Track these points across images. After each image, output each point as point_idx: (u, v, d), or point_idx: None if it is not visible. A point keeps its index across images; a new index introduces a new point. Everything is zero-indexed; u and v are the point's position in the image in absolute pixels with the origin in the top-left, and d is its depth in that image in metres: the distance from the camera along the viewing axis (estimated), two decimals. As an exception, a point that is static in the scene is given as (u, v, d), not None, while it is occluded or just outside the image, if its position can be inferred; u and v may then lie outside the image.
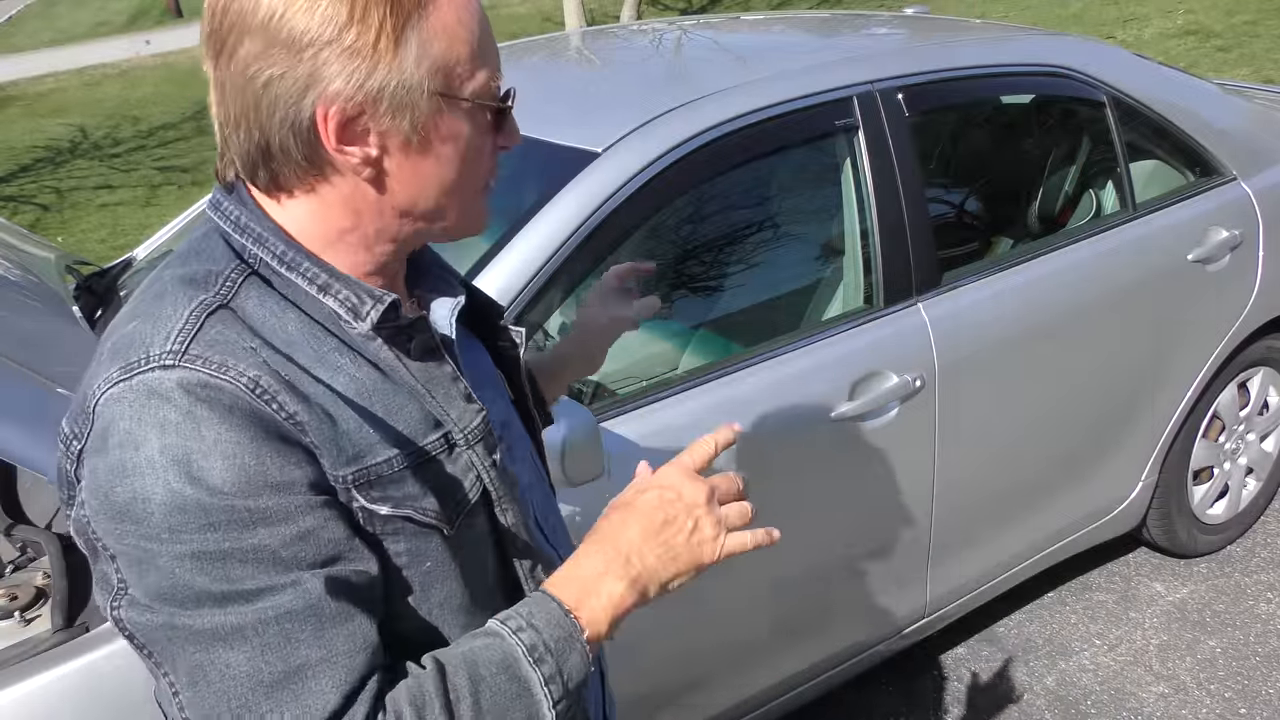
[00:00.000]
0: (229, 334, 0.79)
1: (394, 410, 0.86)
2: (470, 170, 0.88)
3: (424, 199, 0.87)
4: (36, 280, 2.59)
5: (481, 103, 0.85)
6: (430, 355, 0.90)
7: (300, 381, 0.80)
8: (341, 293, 0.85)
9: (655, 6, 13.94)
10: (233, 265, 0.84)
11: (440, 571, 0.88)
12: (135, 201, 8.01)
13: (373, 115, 0.81)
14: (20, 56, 16.96)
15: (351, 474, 0.81)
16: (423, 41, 0.81)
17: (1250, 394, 2.99)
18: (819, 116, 2.18)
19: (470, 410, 0.91)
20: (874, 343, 2.16)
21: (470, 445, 0.90)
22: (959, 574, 2.50)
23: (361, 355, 0.86)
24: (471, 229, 0.93)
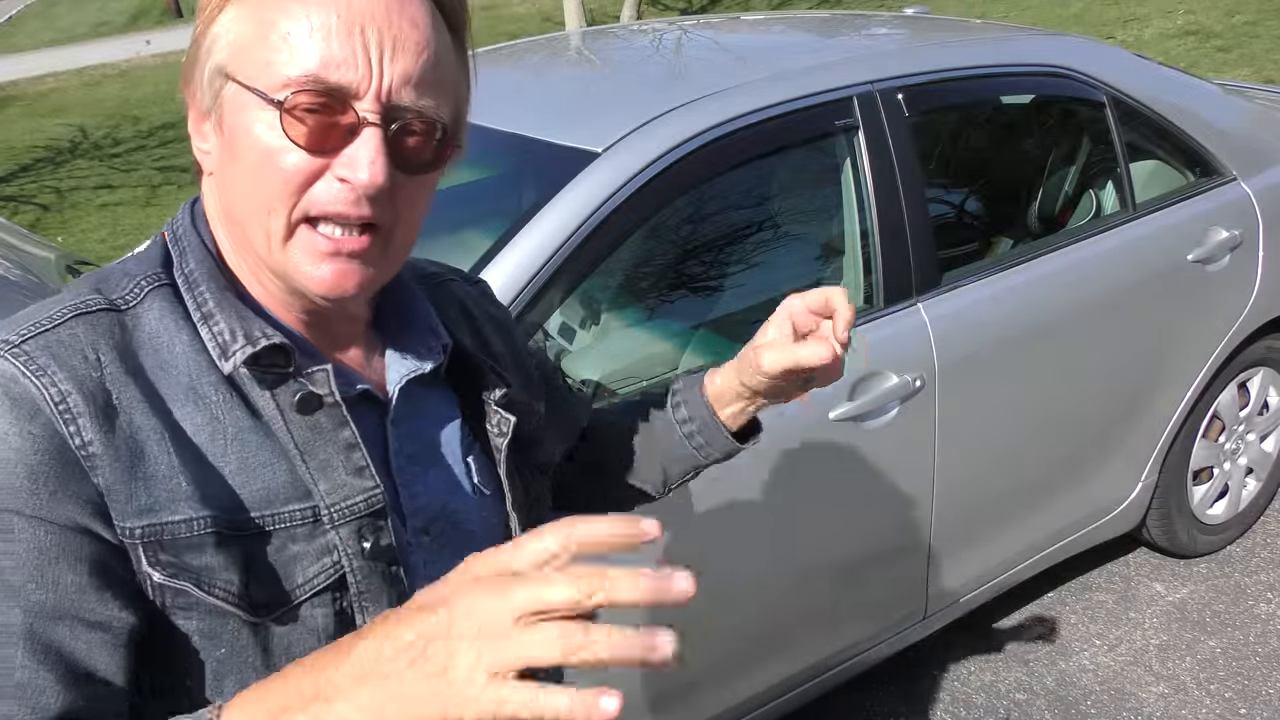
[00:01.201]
0: (81, 339, 0.73)
1: (251, 467, 0.76)
2: (261, 181, 0.74)
3: (235, 206, 0.77)
4: (36, 280, 2.59)
5: (252, 88, 0.73)
6: (319, 413, 0.79)
7: (131, 410, 0.73)
8: (219, 325, 0.77)
9: (655, 6, 13.95)
10: (149, 274, 0.79)
11: (237, 662, 0.76)
12: (135, 201, 8.01)
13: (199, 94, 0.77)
14: (20, 56, 16.96)
15: (140, 528, 0.72)
16: (231, 18, 0.74)
17: (1250, 394, 2.99)
18: (819, 117, 2.18)
19: (353, 485, 0.79)
20: (874, 342, 2.16)
21: (336, 525, 0.78)
22: (959, 574, 2.50)
23: (240, 397, 0.77)
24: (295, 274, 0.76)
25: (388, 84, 0.73)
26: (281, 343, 0.77)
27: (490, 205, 2.26)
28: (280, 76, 0.72)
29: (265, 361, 0.77)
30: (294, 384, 0.78)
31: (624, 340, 2.15)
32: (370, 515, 0.80)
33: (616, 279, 2.20)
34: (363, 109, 0.73)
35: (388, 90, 0.73)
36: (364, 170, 0.72)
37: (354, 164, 0.73)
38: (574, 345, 2.14)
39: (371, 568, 0.80)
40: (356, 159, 0.73)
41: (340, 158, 0.73)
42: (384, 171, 0.73)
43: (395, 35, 0.73)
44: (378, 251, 0.77)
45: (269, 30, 0.72)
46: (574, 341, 2.14)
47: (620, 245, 1.99)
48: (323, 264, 0.75)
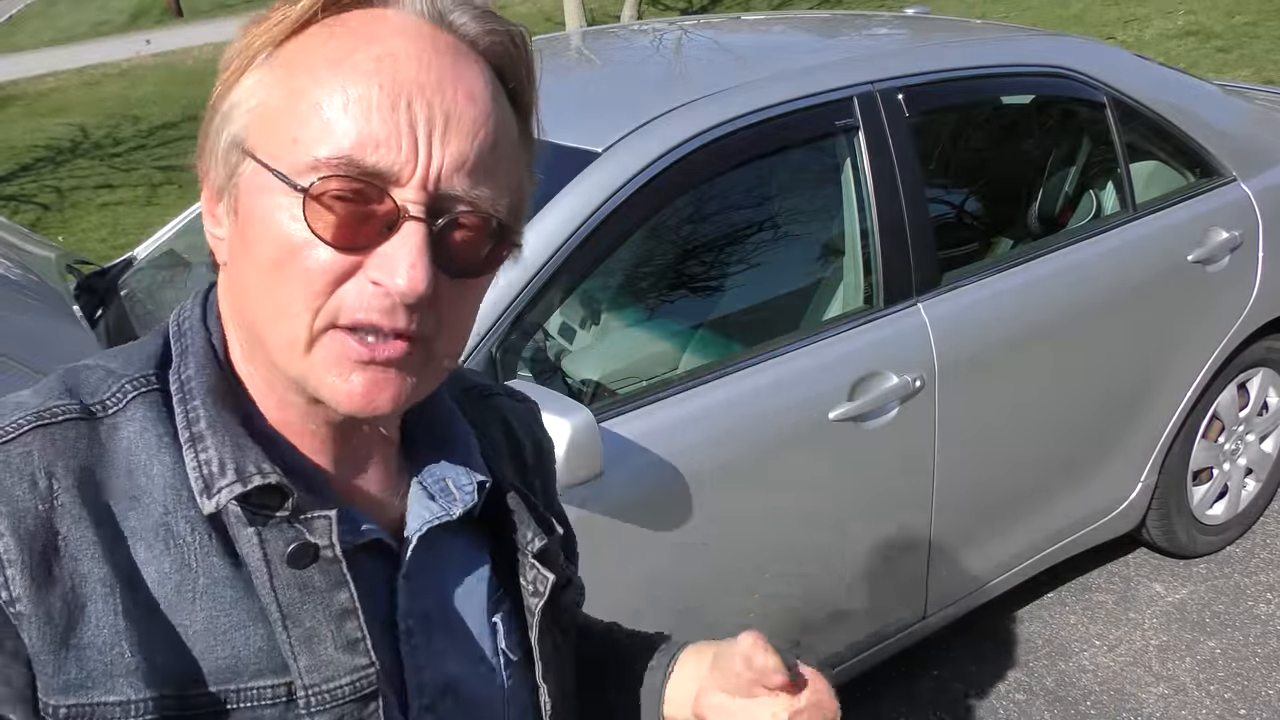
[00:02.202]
0: (34, 460, 0.61)
1: (222, 628, 0.63)
2: (281, 279, 0.62)
3: (248, 302, 0.65)
4: (37, 279, 2.59)
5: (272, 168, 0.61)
6: (313, 569, 0.65)
7: (78, 555, 0.60)
8: (208, 452, 0.64)
9: (655, 6, 13.94)
10: (138, 375, 0.67)
11: None
12: (136, 201, 8.01)
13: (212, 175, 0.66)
14: (21, 56, 16.96)
15: (66, 707, 0.59)
16: (251, 87, 0.64)
17: (1250, 395, 2.99)
18: (819, 117, 2.18)
19: (340, 663, 0.66)
20: (874, 343, 2.16)
21: (313, 711, 0.65)
22: (959, 574, 2.50)
23: (222, 539, 0.64)
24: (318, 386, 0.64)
25: (436, 169, 0.61)
26: (278, 483, 0.64)
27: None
28: (308, 157, 0.60)
29: (256, 501, 0.64)
30: (288, 530, 0.65)
31: (624, 340, 2.15)
32: (357, 700, 0.66)
33: (616, 279, 2.20)
34: (404, 198, 0.61)
35: (436, 177, 0.61)
36: (402, 275, 0.60)
37: (390, 266, 0.61)
38: (574, 345, 2.14)
39: None
40: (394, 260, 0.61)
41: (375, 256, 0.61)
42: (426, 277, 0.61)
43: (448, 111, 0.62)
44: (418, 361, 0.65)
45: (298, 100, 0.61)
46: (574, 341, 2.14)
47: (620, 245, 1.99)
48: (353, 375, 0.63)
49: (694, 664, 0.91)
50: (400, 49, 0.62)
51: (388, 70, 0.61)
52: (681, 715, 0.89)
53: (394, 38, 0.62)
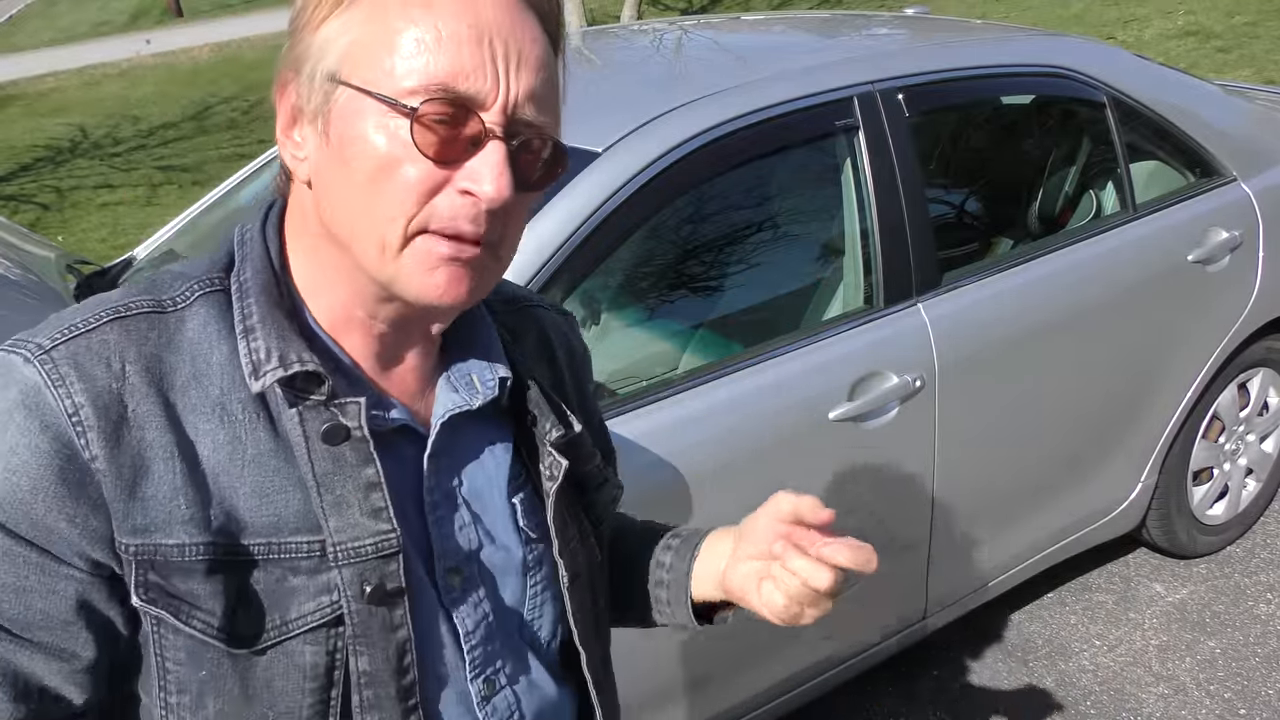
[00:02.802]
0: (110, 346, 0.73)
1: (265, 492, 0.75)
2: (376, 191, 0.72)
3: (337, 215, 0.75)
4: (37, 279, 2.59)
5: (378, 94, 0.71)
6: (345, 445, 0.76)
7: (144, 424, 0.72)
8: (257, 341, 0.75)
9: (655, 6, 13.95)
10: (204, 277, 0.78)
11: (217, 686, 0.75)
12: (136, 201, 8.01)
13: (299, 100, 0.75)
14: (21, 56, 16.96)
15: (135, 545, 0.72)
16: (346, 21, 0.72)
17: (1250, 395, 2.99)
18: (819, 117, 2.18)
19: (364, 526, 0.76)
20: (874, 343, 2.16)
21: (340, 565, 0.76)
22: (959, 574, 2.50)
23: (268, 418, 0.76)
24: (408, 283, 0.74)
25: (514, 97, 0.72)
26: (316, 370, 0.75)
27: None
28: (408, 83, 0.70)
29: (298, 385, 0.76)
30: (324, 412, 0.76)
31: (624, 340, 2.15)
32: (379, 559, 0.77)
33: (616, 279, 2.20)
34: (490, 120, 0.71)
35: (513, 103, 0.72)
36: (490, 183, 0.71)
37: (478, 177, 0.71)
38: (574, 345, 2.13)
39: (370, 612, 0.77)
40: (481, 172, 0.71)
41: (463, 170, 0.72)
42: (509, 184, 0.72)
43: (520, 49, 0.72)
44: (488, 262, 0.76)
45: (394, 36, 0.71)
46: (574, 341, 2.14)
47: (620, 245, 1.99)
48: (438, 270, 0.73)
49: (718, 544, 1.00)
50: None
51: (471, 12, 0.71)
52: (709, 592, 0.99)
53: None
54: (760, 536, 0.89)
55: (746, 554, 0.90)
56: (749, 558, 0.90)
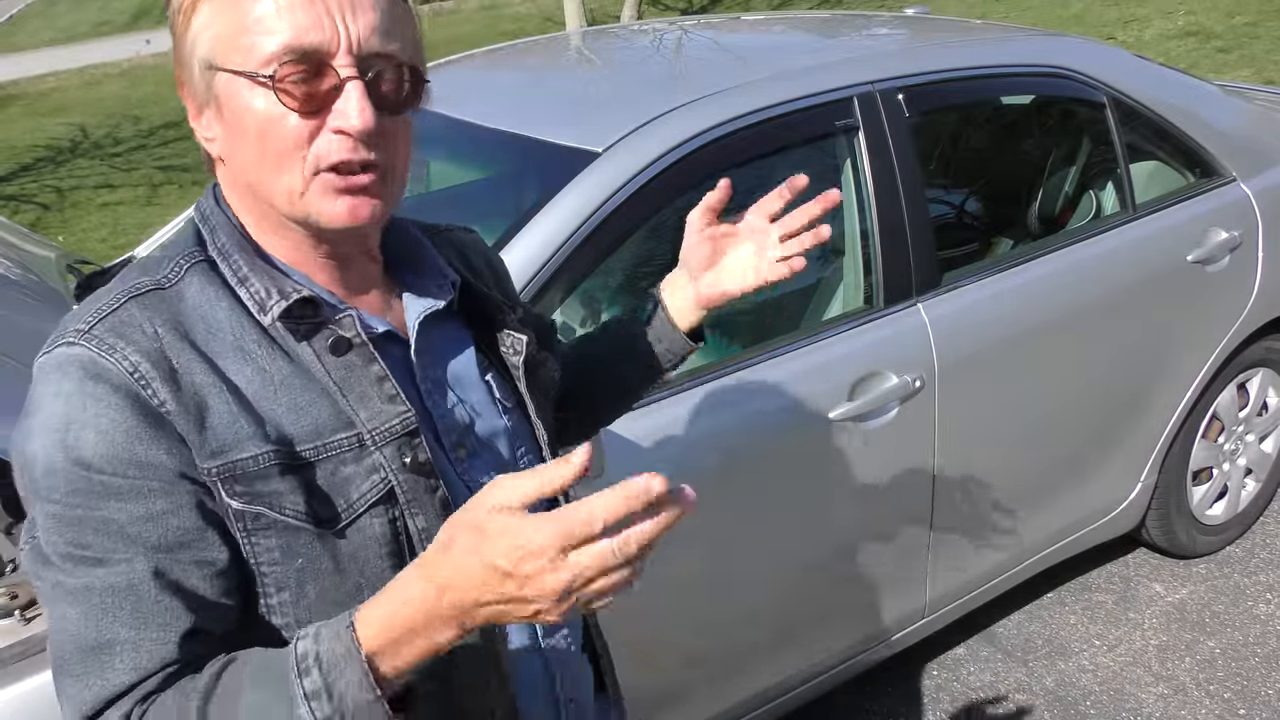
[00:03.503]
0: (138, 317, 0.85)
1: (299, 406, 0.87)
2: (270, 149, 0.85)
3: (249, 177, 0.88)
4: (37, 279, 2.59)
5: (241, 71, 0.83)
6: (351, 354, 0.90)
7: (190, 370, 0.84)
8: (254, 285, 0.88)
9: (656, 6, 13.94)
10: (185, 253, 0.90)
11: (315, 569, 0.88)
12: (136, 201, 8.01)
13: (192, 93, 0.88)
14: (21, 55, 16.96)
15: (216, 467, 0.84)
16: (207, 16, 0.84)
17: (1249, 395, 2.99)
18: (819, 117, 2.18)
19: (388, 411, 0.90)
20: (874, 343, 2.16)
21: (379, 446, 0.89)
22: (959, 574, 2.50)
23: (280, 348, 0.88)
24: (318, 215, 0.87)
25: (355, 36, 0.83)
26: (310, 295, 0.88)
27: (490, 205, 2.26)
28: (262, 55, 0.82)
29: (297, 314, 0.88)
30: (325, 331, 0.89)
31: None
32: (406, 435, 0.90)
33: (616, 279, 2.20)
34: (340, 65, 0.83)
35: (357, 43, 0.83)
36: (355, 119, 0.83)
37: (344, 116, 0.83)
38: (574, 345, 2.13)
39: (414, 480, 0.90)
40: (346, 111, 0.83)
41: (332, 113, 0.84)
42: (372, 115, 0.84)
43: None
44: (381, 184, 0.87)
45: (243, 18, 0.83)
46: (574, 341, 2.14)
47: (620, 245, 1.99)
48: (338, 200, 0.86)
49: (675, 279, 1.23)
50: None
51: None
52: (696, 318, 1.22)
53: None
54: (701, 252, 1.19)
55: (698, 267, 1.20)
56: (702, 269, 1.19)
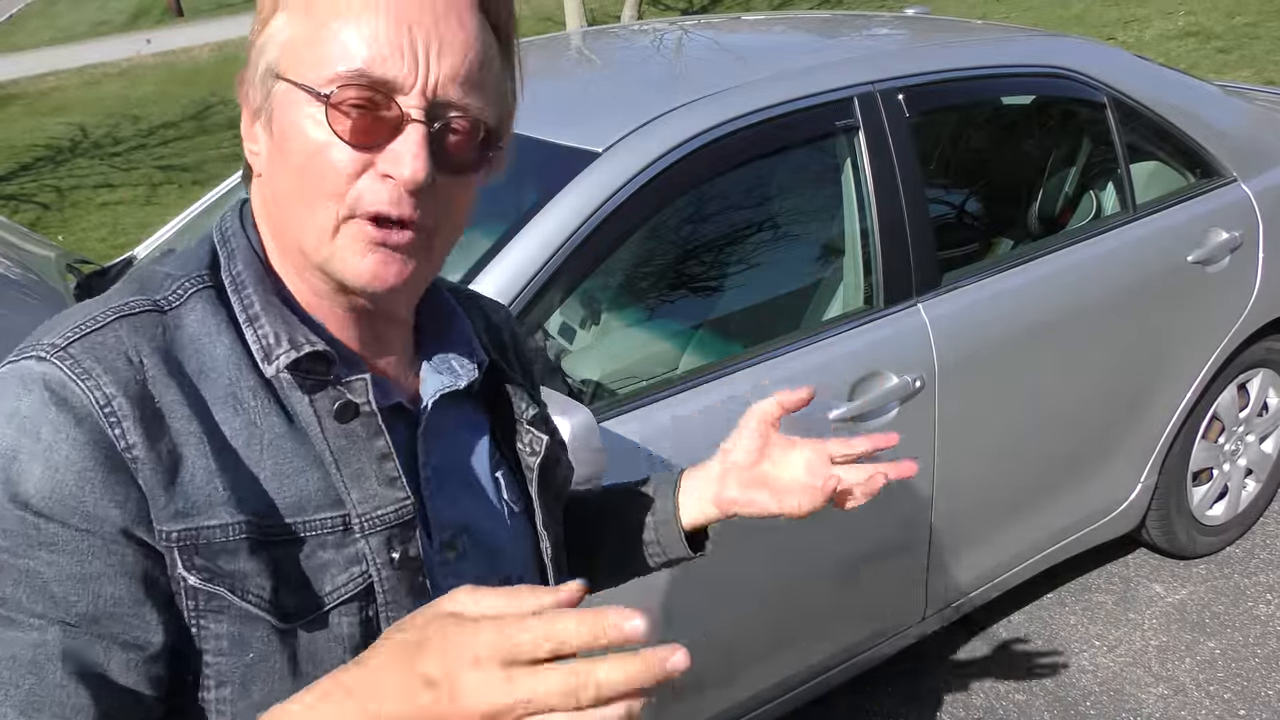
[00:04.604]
0: (125, 341, 0.74)
1: (286, 473, 0.77)
2: (308, 177, 0.74)
3: (284, 207, 0.78)
4: (37, 279, 2.59)
5: (301, 84, 0.74)
6: (355, 422, 0.79)
7: (172, 413, 0.73)
8: (264, 328, 0.78)
9: (656, 6, 13.94)
10: (195, 274, 0.80)
11: (266, 667, 0.76)
12: (136, 200, 8.01)
13: (250, 100, 0.79)
14: (21, 55, 16.96)
15: (177, 531, 0.72)
16: (283, 21, 0.76)
17: (1250, 395, 2.99)
18: (819, 117, 2.18)
19: (384, 495, 0.79)
20: (874, 343, 2.16)
21: (366, 534, 0.78)
22: (959, 574, 2.50)
23: (278, 403, 0.78)
24: (340, 267, 0.76)
25: (434, 80, 0.73)
26: (324, 350, 0.78)
27: (490, 205, 2.25)
28: (328, 72, 0.73)
29: (306, 367, 0.78)
30: (332, 391, 0.79)
31: (624, 340, 2.15)
32: (400, 526, 0.80)
33: (616, 279, 2.20)
34: (407, 104, 0.73)
35: (433, 86, 0.73)
36: (407, 166, 0.73)
37: (397, 160, 0.73)
38: (574, 345, 2.14)
39: (399, 578, 0.80)
40: (399, 155, 0.73)
41: (384, 154, 0.74)
42: (426, 168, 0.73)
43: (442, 34, 0.74)
44: (420, 248, 0.77)
45: (319, 29, 0.74)
46: (574, 341, 2.15)
47: (620, 245, 1.99)
48: (367, 254, 0.76)
49: (700, 472, 1.07)
50: None
51: (392, 3, 0.73)
52: (703, 516, 1.06)
53: None
54: (748, 445, 1.03)
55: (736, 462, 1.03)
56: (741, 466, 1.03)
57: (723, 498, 1.03)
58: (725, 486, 1.03)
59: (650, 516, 1.08)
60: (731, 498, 1.02)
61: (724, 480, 1.03)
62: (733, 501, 1.02)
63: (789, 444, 1.03)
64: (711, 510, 1.05)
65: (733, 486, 1.02)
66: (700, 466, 1.07)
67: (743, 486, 1.01)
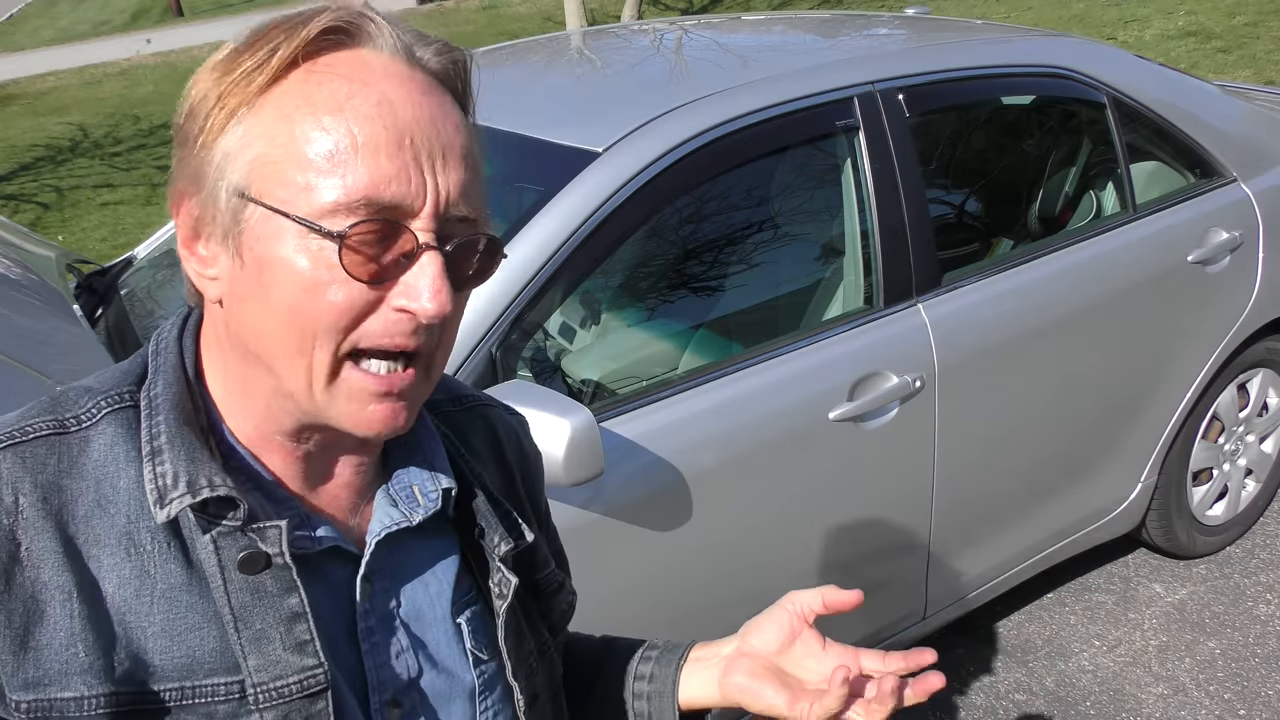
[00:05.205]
0: (2, 476, 0.66)
1: (176, 631, 0.67)
2: (300, 316, 0.65)
3: (258, 339, 0.67)
4: (37, 278, 2.59)
5: (299, 218, 0.63)
6: (265, 574, 0.69)
7: (40, 564, 0.65)
8: (164, 465, 0.68)
9: (656, 6, 13.94)
10: (113, 392, 0.71)
11: None
12: (136, 200, 8.01)
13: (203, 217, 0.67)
14: (21, 55, 16.96)
15: (26, 702, 0.63)
16: (245, 134, 0.65)
17: (1250, 395, 2.99)
18: (819, 117, 2.18)
19: (288, 663, 0.69)
20: (874, 343, 2.16)
21: (262, 707, 0.68)
22: (959, 574, 2.50)
23: (180, 547, 0.68)
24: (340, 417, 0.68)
25: (444, 197, 0.66)
26: (228, 494, 0.68)
27: (490, 205, 2.26)
28: (326, 200, 0.63)
29: (211, 511, 0.68)
30: (241, 538, 0.68)
31: (624, 340, 2.15)
32: (304, 698, 0.69)
33: (616, 279, 2.20)
34: (420, 229, 0.65)
35: (443, 204, 0.66)
36: (429, 300, 0.65)
37: (414, 293, 0.65)
38: (574, 345, 2.14)
39: None
40: (417, 288, 0.65)
41: (397, 286, 0.65)
42: (449, 299, 0.66)
43: (444, 144, 0.66)
44: (421, 380, 0.70)
45: (305, 146, 0.64)
46: (574, 341, 2.14)
47: (620, 245, 1.99)
48: (372, 404, 0.68)
49: (712, 648, 0.96)
50: (391, 92, 0.65)
51: (387, 113, 0.64)
52: (704, 697, 0.94)
53: (382, 82, 0.65)
54: (774, 632, 0.91)
55: (754, 650, 0.91)
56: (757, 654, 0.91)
57: (728, 682, 0.90)
58: (733, 670, 0.91)
59: (647, 684, 0.96)
60: (739, 684, 0.89)
61: (734, 663, 0.91)
62: (740, 689, 0.89)
63: (817, 644, 0.92)
64: (714, 693, 0.93)
65: (741, 672, 0.90)
66: (714, 644, 0.96)
67: (752, 675, 0.89)
